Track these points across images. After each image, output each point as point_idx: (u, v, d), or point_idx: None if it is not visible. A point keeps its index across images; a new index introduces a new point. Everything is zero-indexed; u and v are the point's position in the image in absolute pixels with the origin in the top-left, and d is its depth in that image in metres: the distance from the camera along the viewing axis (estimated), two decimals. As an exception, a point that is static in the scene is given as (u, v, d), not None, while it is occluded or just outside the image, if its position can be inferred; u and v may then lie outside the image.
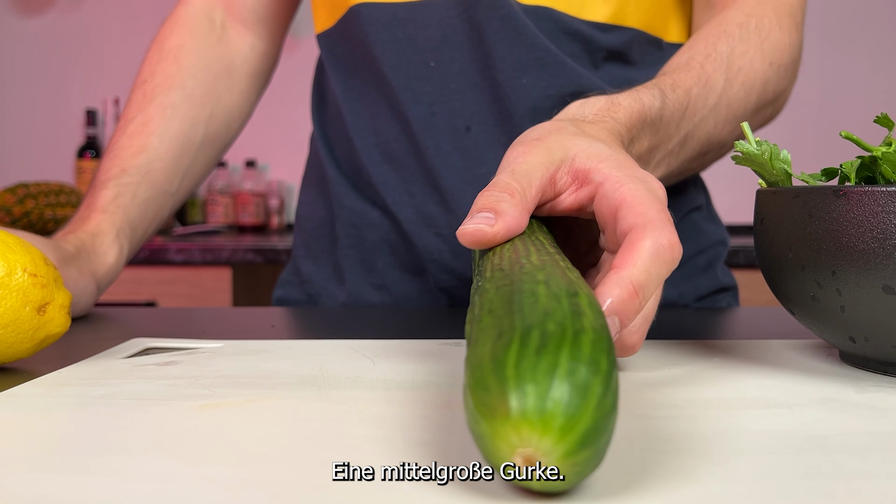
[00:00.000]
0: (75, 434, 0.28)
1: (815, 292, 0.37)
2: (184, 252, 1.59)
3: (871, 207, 0.34)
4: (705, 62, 0.53)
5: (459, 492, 0.22)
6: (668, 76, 0.51)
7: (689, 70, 0.52)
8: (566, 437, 0.19)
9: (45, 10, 2.21)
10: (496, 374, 0.20)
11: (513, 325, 0.22)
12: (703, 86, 0.52)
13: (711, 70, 0.52)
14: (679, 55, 0.55)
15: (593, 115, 0.43)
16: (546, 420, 0.19)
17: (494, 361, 0.21)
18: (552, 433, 0.19)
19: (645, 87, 0.47)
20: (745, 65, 0.55)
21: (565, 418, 0.19)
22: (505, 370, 0.20)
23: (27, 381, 0.36)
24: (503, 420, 0.19)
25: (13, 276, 0.38)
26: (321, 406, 0.32)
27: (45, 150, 2.21)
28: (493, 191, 0.34)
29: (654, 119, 0.47)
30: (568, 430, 0.19)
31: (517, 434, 0.19)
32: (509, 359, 0.20)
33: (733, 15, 0.57)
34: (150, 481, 0.23)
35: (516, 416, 0.19)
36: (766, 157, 0.39)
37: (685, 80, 0.51)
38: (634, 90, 0.46)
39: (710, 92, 0.52)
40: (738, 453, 0.26)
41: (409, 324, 0.58)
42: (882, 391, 0.34)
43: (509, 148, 0.38)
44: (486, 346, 0.22)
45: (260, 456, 0.25)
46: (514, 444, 0.19)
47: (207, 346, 0.46)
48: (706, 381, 0.36)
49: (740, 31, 0.55)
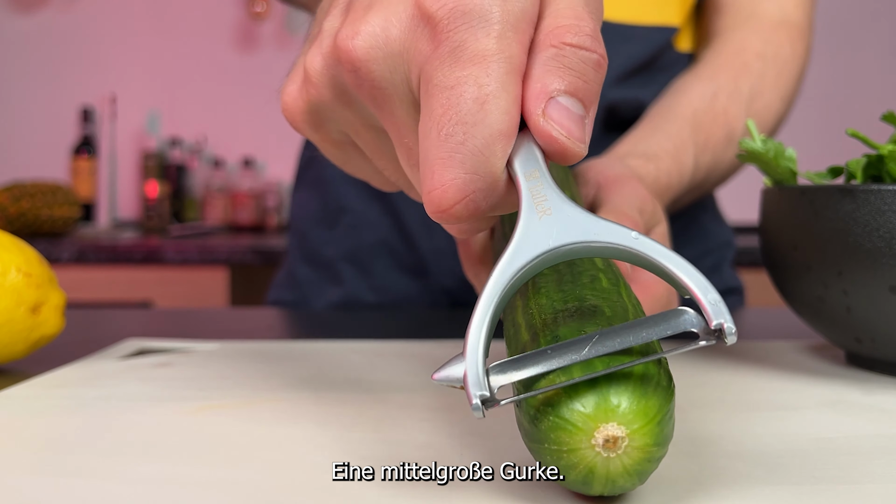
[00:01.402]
0: (69, 436, 0.28)
1: (821, 293, 0.36)
2: (180, 252, 1.58)
3: (878, 206, 0.34)
4: (729, 105, 0.56)
5: (460, 492, 0.22)
6: (702, 131, 0.54)
7: (715, 121, 0.55)
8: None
9: (40, 8, 2.20)
10: None
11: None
12: (726, 140, 0.55)
13: (734, 117, 0.56)
14: (703, 83, 0.57)
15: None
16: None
17: None
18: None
19: (685, 151, 0.51)
20: (762, 108, 0.58)
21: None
22: None
23: (21, 382, 0.36)
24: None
25: (7, 275, 0.37)
26: (318, 408, 0.31)
27: (41, 149, 2.20)
28: None
29: (685, 187, 0.52)
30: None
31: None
32: None
33: (752, 42, 0.60)
34: (144, 484, 0.23)
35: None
36: (771, 155, 0.39)
37: (715, 135, 0.54)
38: (677, 159, 0.50)
39: (730, 144, 0.56)
40: (744, 456, 0.25)
41: (407, 325, 0.57)
42: (889, 393, 0.34)
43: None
44: None
45: (256, 458, 0.25)
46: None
47: (203, 347, 0.45)
48: (711, 384, 0.36)
49: (760, 64, 0.59)
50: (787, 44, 0.61)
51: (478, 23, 0.22)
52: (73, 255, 1.57)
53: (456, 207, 0.22)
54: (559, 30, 0.22)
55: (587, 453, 0.19)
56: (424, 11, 0.23)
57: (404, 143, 0.26)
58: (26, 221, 1.65)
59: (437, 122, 0.22)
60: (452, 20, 0.22)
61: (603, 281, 0.25)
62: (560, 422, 0.19)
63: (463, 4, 0.22)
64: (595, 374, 0.20)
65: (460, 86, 0.22)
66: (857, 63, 2.10)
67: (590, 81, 0.22)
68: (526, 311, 0.25)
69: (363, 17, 0.24)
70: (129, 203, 2.21)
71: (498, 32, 0.22)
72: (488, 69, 0.22)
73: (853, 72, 2.10)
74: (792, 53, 0.61)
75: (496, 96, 0.22)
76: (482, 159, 0.22)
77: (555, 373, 0.20)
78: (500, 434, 0.27)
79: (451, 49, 0.22)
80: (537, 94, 0.22)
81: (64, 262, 1.56)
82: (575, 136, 0.22)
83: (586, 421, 0.19)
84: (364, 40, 0.24)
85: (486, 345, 0.21)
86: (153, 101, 2.18)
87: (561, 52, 0.22)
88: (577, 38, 0.22)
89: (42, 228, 1.68)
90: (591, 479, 0.20)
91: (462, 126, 0.22)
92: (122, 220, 2.19)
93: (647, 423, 0.19)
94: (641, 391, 0.20)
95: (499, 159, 0.22)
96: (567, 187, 0.34)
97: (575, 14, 0.23)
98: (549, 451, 0.20)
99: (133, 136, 2.20)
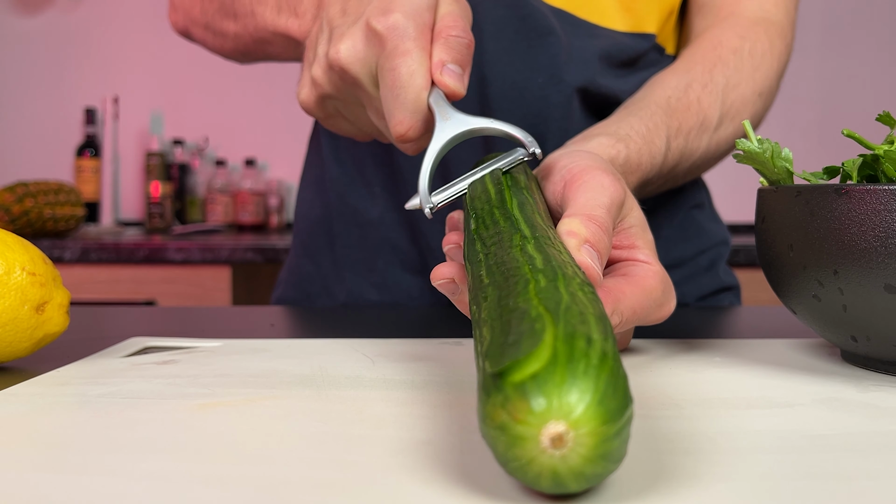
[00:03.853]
0: (74, 433, 0.28)
1: (817, 291, 0.37)
2: (183, 251, 1.59)
3: (874, 206, 0.34)
4: (702, 95, 0.56)
5: (460, 492, 0.22)
6: (675, 117, 0.54)
7: (689, 109, 0.55)
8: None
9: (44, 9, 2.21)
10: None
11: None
12: (699, 127, 0.56)
13: (707, 105, 0.56)
14: (678, 75, 0.57)
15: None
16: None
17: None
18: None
19: (657, 133, 0.52)
20: (738, 100, 0.58)
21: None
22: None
23: (25, 380, 0.36)
24: None
25: (11, 274, 0.37)
26: (320, 406, 0.31)
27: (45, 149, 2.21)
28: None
29: (656, 170, 0.53)
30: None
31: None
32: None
33: (728, 38, 0.60)
34: (148, 480, 0.23)
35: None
36: (767, 155, 0.39)
37: (688, 122, 0.55)
38: (648, 140, 0.51)
39: (704, 132, 0.56)
40: (740, 453, 0.26)
41: (409, 323, 0.57)
42: (884, 390, 0.34)
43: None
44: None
45: (258, 455, 0.25)
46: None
47: (206, 345, 0.45)
48: (707, 381, 0.36)
49: (735, 58, 0.59)
50: (765, 40, 0.61)
51: (402, 32, 0.40)
52: (76, 255, 1.58)
53: (409, 132, 0.41)
54: (445, 28, 0.41)
55: (543, 458, 0.19)
56: (373, 30, 0.41)
57: (374, 106, 0.45)
58: (30, 221, 1.65)
59: (391, 89, 0.40)
60: (388, 33, 0.41)
61: (542, 281, 0.26)
62: (511, 439, 0.20)
63: (392, 23, 0.40)
64: None
65: (398, 68, 0.40)
66: (853, 64, 2.10)
67: (464, 55, 0.41)
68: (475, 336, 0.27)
69: (339, 41, 0.43)
70: (133, 203, 2.21)
71: (413, 37, 0.40)
72: (411, 57, 0.40)
73: (849, 72, 2.10)
74: (770, 49, 0.61)
75: (417, 70, 0.40)
76: (416, 103, 0.40)
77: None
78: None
79: (391, 50, 0.40)
80: (437, 64, 0.40)
81: (67, 262, 1.57)
82: (458, 83, 0.40)
83: (529, 429, 0.19)
84: (343, 53, 0.43)
85: (428, 184, 0.39)
86: (156, 102, 2.19)
87: (447, 41, 0.41)
88: (454, 31, 0.41)
89: (46, 228, 1.68)
90: (561, 480, 0.20)
91: (403, 89, 0.40)
92: (125, 219, 2.19)
93: (588, 408, 0.19)
94: (569, 380, 0.20)
95: (423, 101, 0.40)
96: (529, 190, 0.37)
97: (453, 19, 0.42)
98: (516, 469, 0.20)
99: (136, 137, 2.21)
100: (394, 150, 0.66)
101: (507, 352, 0.22)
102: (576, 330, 0.21)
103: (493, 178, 0.38)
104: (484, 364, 0.23)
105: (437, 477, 0.23)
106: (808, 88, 2.07)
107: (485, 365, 0.22)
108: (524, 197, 0.36)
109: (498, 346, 0.22)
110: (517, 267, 0.27)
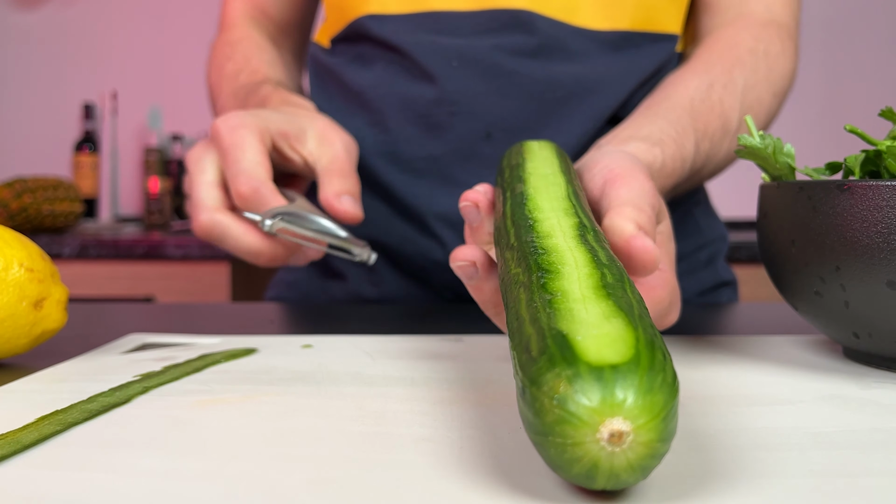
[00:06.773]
0: (72, 430, 0.28)
1: (819, 287, 0.37)
2: (182, 247, 1.59)
3: (876, 202, 0.34)
4: (724, 95, 0.56)
5: (460, 492, 0.22)
6: (700, 119, 0.54)
7: (712, 110, 0.55)
8: None
9: (42, 4, 2.20)
10: None
11: None
12: (722, 129, 0.56)
13: (729, 107, 0.56)
14: (698, 75, 0.57)
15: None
16: None
17: None
18: None
19: (686, 137, 0.52)
20: (755, 102, 0.58)
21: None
22: None
23: (23, 376, 0.36)
24: None
25: (9, 270, 0.37)
26: (319, 402, 0.31)
27: (43, 145, 2.20)
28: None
29: (686, 174, 0.53)
30: None
31: None
32: None
33: (743, 38, 0.60)
34: (147, 477, 0.23)
35: None
36: (769, 150, 0.39)
37: (712, 124, 0.55)
38: (680, 144, 0.51)
39: (726, 134, 0.56)
40: (741, 450, 0.25)
41: (408, 319, 0.57)
42: (886, 387, 0.34)
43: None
44: None
45: (257, 452, 0.25)
46: None
47: (205, 341, 0.45)
48: (708, 378, 0.36)
49: (752, 59, 0.59)
50: (777, 41, 0.61)
51: (228, 139, 0.48)
52: (74, 251, 1.57)
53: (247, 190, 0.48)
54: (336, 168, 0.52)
55: (592, 447, 0.19)
56: (212, 138, 0.50)
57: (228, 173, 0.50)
58: (28, 217, 1.65)
59: (228, 173, 0.48)
60: (218, 139, 0.49)
61: (608, 276, 0.26)
62: (565, 415, 0.19)
63: (219, 137, 0.49)
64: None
65: (230, 154, 0.48)
66: (855, 59, 2.10)
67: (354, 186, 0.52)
68: (530, 304, 0.25)
69: (199, 159, 0.50)
70: (131, 199, 2.21)
71: (238, 143, 0.48)
72: (238, 154, 0.48)
73: (851, 68, 2.10)
74: (782, 50, 0.61)
75: (247, 158, 0.48)
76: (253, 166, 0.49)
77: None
78: (499, 427, 0.28)
79: (223, 150, 0.48)
80: (333, 195, 0.50)
81: (66, 258, 1.57)
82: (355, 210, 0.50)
83: (592, 415, 0.19)
84: (193, 162, 0.51)
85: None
86: (155, 97, 2.18)
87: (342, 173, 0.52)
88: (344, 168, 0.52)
89: (44, 224, 1.68)
90: (595, 474, 0.20)
91: (237, 173, 0.48)
92: (123, 215, 2.19)
93: (653, 419, 0.19)
94: (647, 386, 0.20)
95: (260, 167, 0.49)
96: (570, 183, 0.35)
97: (340, 162, 0.52)
98: (554, 443, 0.20)
99: (135, 132, 2.20)
100: (393, 151, 0.65)
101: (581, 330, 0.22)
102: (654, 340, 0.21)
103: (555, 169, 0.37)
104: (550, 325, 0.22)
105: (437, 473, 0.23)
106: (811, 84, 2.07)
107: (555, 326, 0.22)
108: (578, 186, 0.35)
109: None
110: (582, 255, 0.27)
